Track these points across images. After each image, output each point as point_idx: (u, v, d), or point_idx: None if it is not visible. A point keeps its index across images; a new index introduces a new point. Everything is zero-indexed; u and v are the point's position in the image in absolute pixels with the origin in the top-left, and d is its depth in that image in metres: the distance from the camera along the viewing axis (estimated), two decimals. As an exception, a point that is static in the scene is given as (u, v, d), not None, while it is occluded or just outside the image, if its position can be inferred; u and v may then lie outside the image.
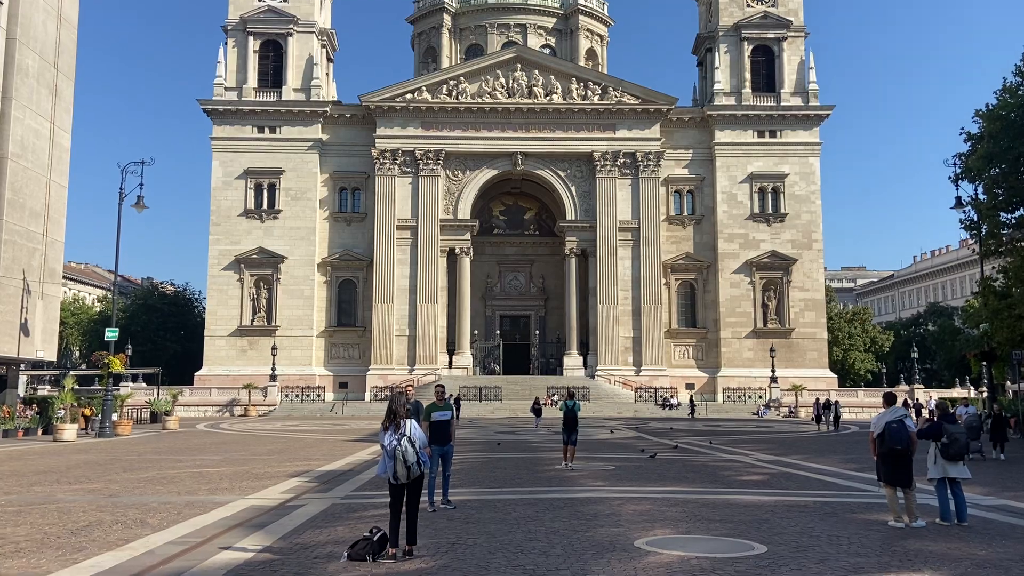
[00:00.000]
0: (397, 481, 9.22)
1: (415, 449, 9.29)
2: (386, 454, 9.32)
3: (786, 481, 17.31)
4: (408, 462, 9.17)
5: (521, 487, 15.65)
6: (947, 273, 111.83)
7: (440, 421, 13.06)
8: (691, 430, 39.77)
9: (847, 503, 13.79)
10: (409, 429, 9.39)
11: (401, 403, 9.61)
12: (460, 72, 71.21)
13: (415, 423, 9.62)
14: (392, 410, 9.53)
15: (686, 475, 18.25)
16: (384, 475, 9.54)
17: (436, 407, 13.25)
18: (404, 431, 9.34)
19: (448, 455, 13.20)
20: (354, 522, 11.49)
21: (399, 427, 9.36)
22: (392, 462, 9.19)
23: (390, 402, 9.70)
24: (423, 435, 9.66)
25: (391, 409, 9.56)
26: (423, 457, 9.42)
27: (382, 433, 9.50)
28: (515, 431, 38.10)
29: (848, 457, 24.59)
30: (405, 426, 9.38)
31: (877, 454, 11.62)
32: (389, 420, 9.45)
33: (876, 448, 11.62)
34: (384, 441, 9.37)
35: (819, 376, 66.66)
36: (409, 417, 9.57)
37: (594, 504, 13.15)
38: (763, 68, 73.43)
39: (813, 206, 70.82)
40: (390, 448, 9.23)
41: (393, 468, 9.18)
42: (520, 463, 21.35)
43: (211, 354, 67.29)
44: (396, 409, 9.51)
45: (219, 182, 69.44)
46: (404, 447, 9.21)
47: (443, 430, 13.06)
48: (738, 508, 12.88)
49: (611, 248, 68.29)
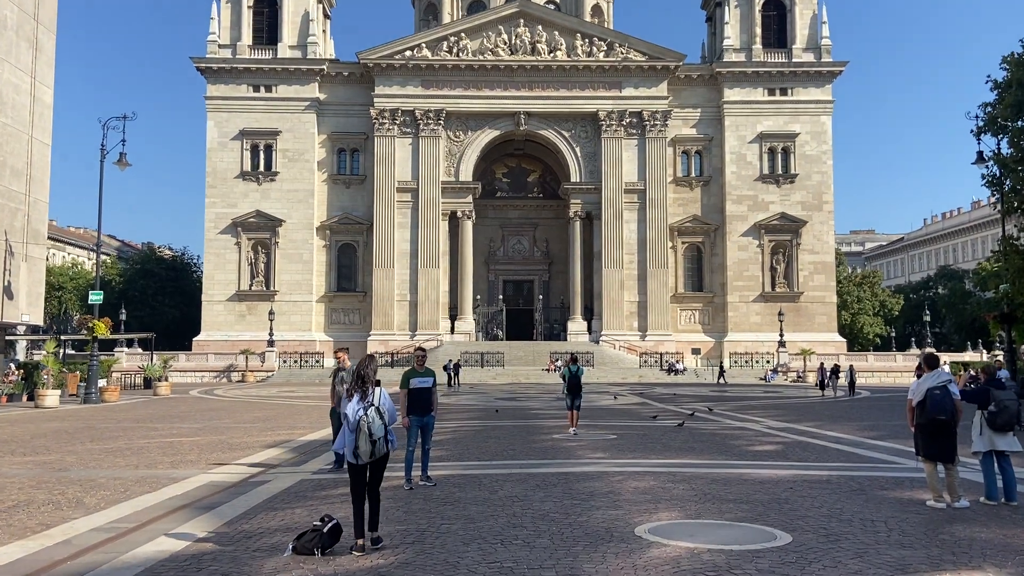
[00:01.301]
0: (358, 460, 7.82)
1: (383, 421, 7.90)
2: (347, 426, 7.93)
3: (802, 451, 15.90)
4: (374, 436, 7.77)
5: (513, 460, 14.28)
6: (958, 236, 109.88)
7: (420, 388, 11.67)
8: (697, 396, 38.50)
9: (874, 477, 12.35)
10: (378, 398, 8.01)
11: (372, 369, 8.24)
12: (461, 28, 69.01)
13: (385, 392, 8.20)
14: (360, 375, 8.15)
15: (693, 445, 16.86)
16: (342, 452, 8.15)
17: (415, 373, 11.84)
18: (372, 399, 7.97)
19: (428, 426, 11.81)
20: (317, 503, 10.14)
21: (366, 394, 7.98)
22: (354, 436, 7.80)
23: (358, 366, 8.31)
24: (394, 408, 8.25)
25: (359, 373, 8.17)
26: (390, 434, 8.02)
27: (345, 400, 8.11)
28: (516, 397, 36.92)
29: (865, 424, 23.22)
30: (374, 394, 8.01)
31: (916, 425, 10.16)
32: (356, 385, 8.06)
33: (914, 418, 10.17)
34: (347, 409, 7.99)
35: (828, 340, 65.32)
36: (374, 384, 8.14)
37: (591, 480, 11.76)
38: (774, 23, 71.03)
39: (824, 166, 68.88)
40: (354, 418, 7.84)
41: (355, 443, 7.78)
42: (516, 432, 20.04)
43: (209, 319, 66.22)
44: (365, 374, 8.13)
45: (214, 143, 67.82)
46: (371, 418, 7.82)
47: (424, 398, 11.68)
48: (753, 485, 11.46)
49: (616, 211, 66.64)
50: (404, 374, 11.92)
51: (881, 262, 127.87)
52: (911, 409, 10.20)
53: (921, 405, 9.91)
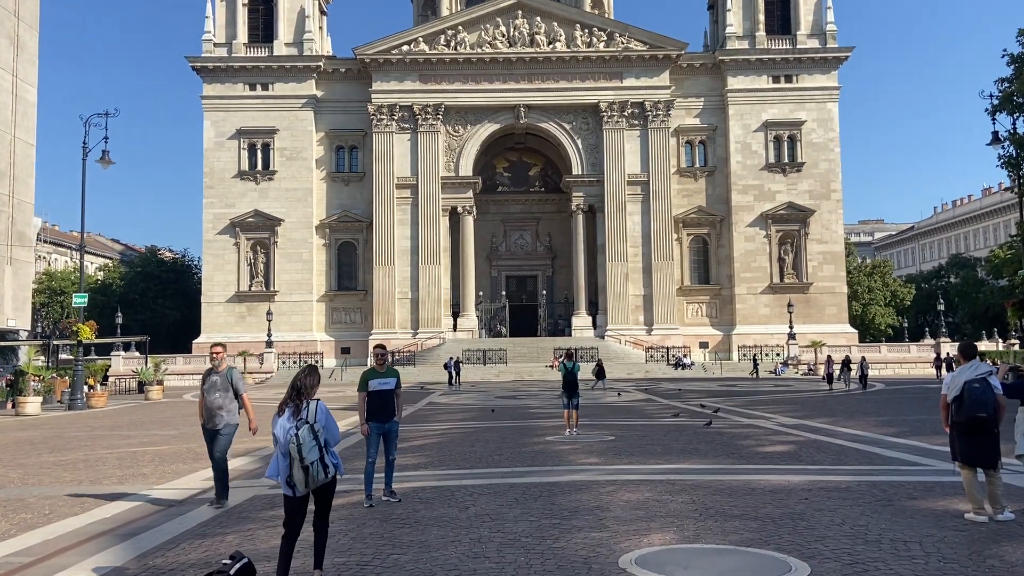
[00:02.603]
0: (295, 491, 6.48)
1: (319, 442, 6.49)
2: (278, 449, 6.60)
3: (817, 452, 14.55)
4: (305, 460, 6.36)
5: (497, 467, 12.98)
6: (969, 223, 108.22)
7: (380, 391, 10.27)
8: (704, 391, 37.17)
9: (900, 484, 10.97)
10: (313, 413, 6.60)
11: (312, 380, 6.84)
12: (458, 21, 67.74)
13: (323, 407, 6.82)
14: (295, 385, 6.78)
15: (696, 447, 15.52)
16: (276, 480, 6.76)
17: (375, 373, 10.44)
18: (305, 415, 6.61)
19: (392, 434, 10.43)
20: (257, 527, 8.79)
21: (299, 410, 6.61)
22: (286, 461, 6.51)
23: (296, 376, 6.92)
24: (335, 426, 6.85)
25: (295, 384, 6.80)
26: (333, 457, 6.65)
27: (276, 417, 6.71)
28: (517, 395, 35.67)
29: (882, 419, 21.86)
30: (308, 409, 6.63)
31: (951, 424, 8.77)
32: (290, 398, 6.72)
33: (949, 416, 8.81)
34: (276, 429, 6.61)
35: (839, 332, 63.82)
36: (312, 399, 6.76)
37: (578, 492, 10.45)
38: (778, 9, 69.51)
39: (831, 154, 67.33)
40: (284, 440, 6.51)
41: (288, 471, 6.46)
42: (508, 434, 18.77)
43: (209, 321, 65.24)
44: (300, 384, 6.76)
45: (211, 143, 66.81)
46: (303, 438, 6.42)
47: (385, 403, 10.25)
48: (762, 495, 10.10)
49: (620, 203, 65.29)
50: (362, 375, 10.59)
51: (891, 252, 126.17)
52: (945, 406, 8.81)
53: (958, 401, 8.52)
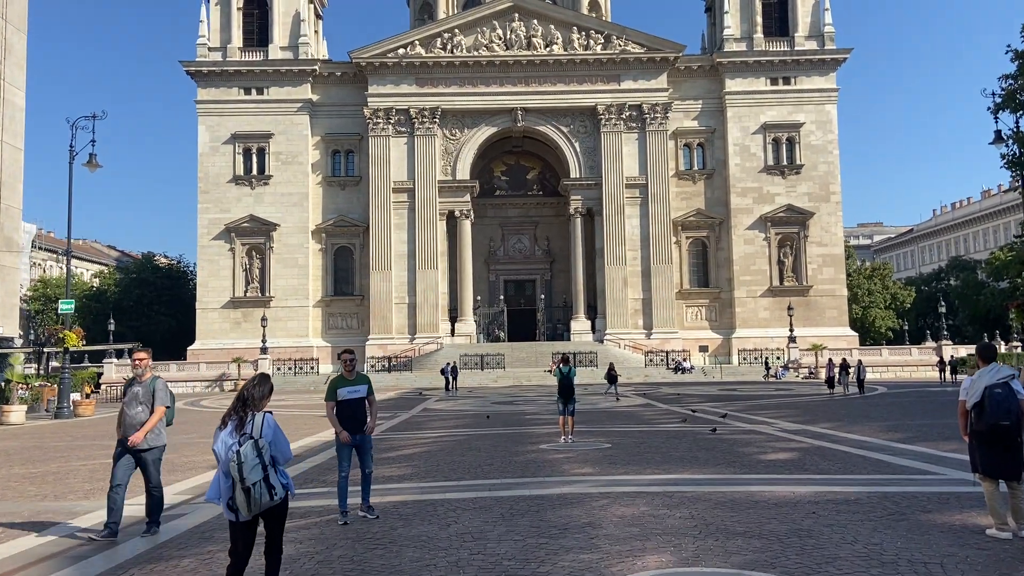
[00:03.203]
0: (237, 516, 5.83)
1: (262, 460, 5.80)
2: (219, 467, 5.95)
3: (822, 461, 13.90)
4: (247, 480, 5.68)
5: (486, 478, 12.33)
6: (969, 225, 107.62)
7: (350, 400, 9.58)
8: (704, 395, 36.53)
9: (912, 495, 10.32)
10: (258, 427, 5.92)
11: (262, 390, 6.15)
12: (455, 24, 67.28)
13: (271, 420, 6.09)
14: (241, 395, 6.11)
15: (696, 454, 14.87)
16: (217, 503, 6.05)
17: (343, 381, 9.74)
18: (249, 430, 5.90)
19: (365, 446, 9.73)
20: (219, 548, 7.99)
21: (243, 423, 5.93)
22: (228, 481, 5.82)
23: (243, 386, 6.24)
24: (285, 441, 6.14)
25: (241, 395, 6.13)
26: (282, 476, 5.97)
27: (217, 431, 6.08)
28: (514, 401, 35.02)
29: (887, 424, 21.21)
30: (253, 422, 5.95)
31: (970, 432, 8.12)
32: (234, 410, 6.05)
33: (968, 424, 8.15)
34: (216, 444, 5.97)
35: (839, 335, 63.19)
36: (260, 410, 6.06)
37: (569, 506, 9.80)
38: (776, 11, 69.04)
39: (830, 156, 66.81)
40: (224, 457, 5.86)
41: (230, 492, 5.81)
42: (501, 442, 18.12)
43: (204, 327, 64.58)
44: (246, 394, 6.08)
45: (206, 148, 66.24)
46: (244, 456, 5.74)
47: (356, 413, 9.58)
48: (766, 509, 9.45)
49: (618, 206, 64.74)
50: (329, 383, 9.91)
51: (890, 254, 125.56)
52: (964, 413, 8.16)
53: (978, 408, 7.87)
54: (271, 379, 6.46)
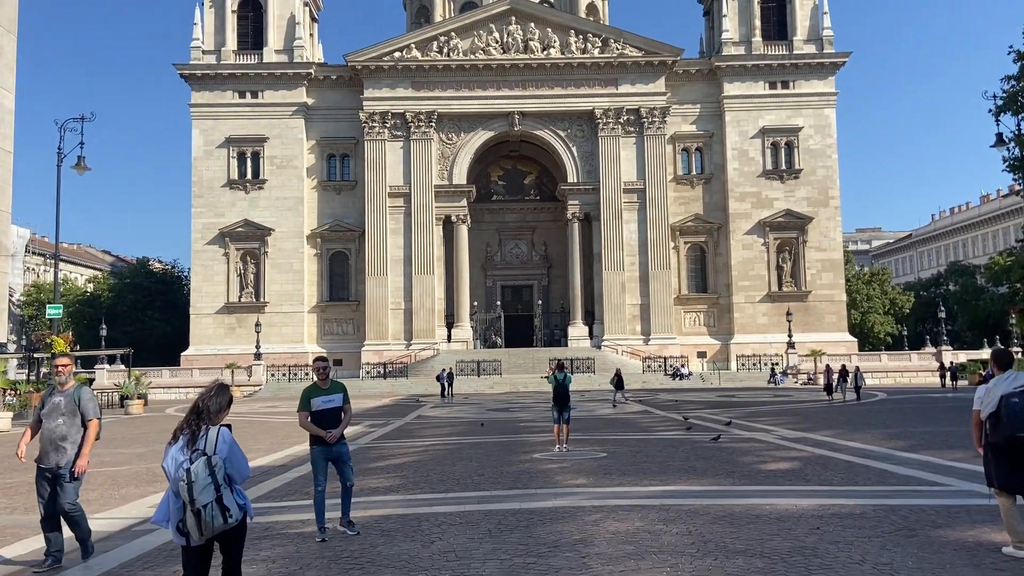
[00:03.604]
0: (188, 540, 5.36)
1: (215, 479, 5.30)
2: (169, 486, 5.46)
3: (824, 471, 13.41)
4: (197, 503, 5.21)
5: (475, 490, 11.83)
6: (968, 231, 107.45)
7: (325, 411, 9.08)
8: (702, 401, 36.07)
9: (920, 508, 9.84)
10: (212, 443, 5.43)
11: (219, 401, 5.64)
12: (451, 27, 66.93)
13: (227, 434, 5.58)
14: (195, 406, 5.62)
15: (694, 464, 14.38)
16: (165, 526, 5.52)
17: (317, 390, 9.21)
18: (202, 445, 5.42)
19: (342, 459, 9.22)
20: None
21: (196, 438, 5.46)
22: (178, 502, 5.32)
23: (199, 396, 5.74)
24: (243, 458, 5.64)
25: (196, 406, 5.64)
26: (239, 496, 5.47)
27: (168, 447, 5.58)
28: (509, 408, 34.52)
29: (889, 431, 20.74)
30: (206, 437, 5.47)
31: (986, 445, 7.60)
32: (186, 423, 5.56)
33: (984, 436, 7.65)
34: (165, 461, 5.50)
35: (838, 340, 62.77)
36: (216, 424, 5.56)
37: (561, 521, 9.31)
38: (774, 15, 68.79)
39: (829, 160, 66.48)
40: (173, 475, 5.38)
41: (181, 514, 5.30)
42: (494, 450, 17.62)
43: (198, 333, 64.05)
44: (201, 405, 5.60)
45: (200, 151, 65.78)
46: (194, 474, 5.27)
47: (330, 423, 9.05)
48: (768, 524, 8.96)
49: (616, 211, 64.32)
50: (303, 392, 9.40)
51: (889, 260, 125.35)
52: (978, 424, 7.67)
53: (994, 418, 7.39)
54: (230, 389, 5.97)
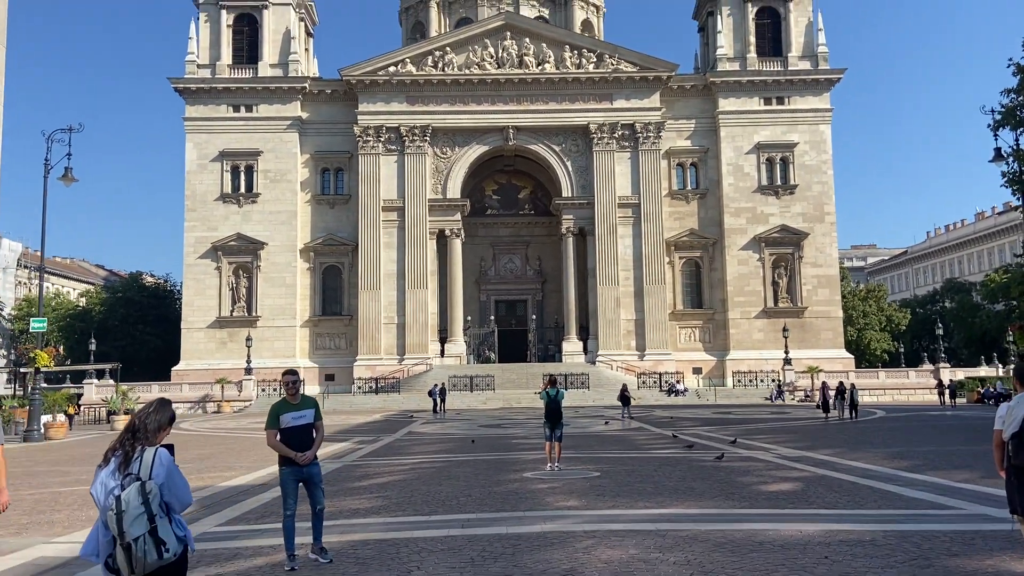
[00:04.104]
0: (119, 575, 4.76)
1: (149, 509, 4.72)
2: (99, 517, 4.90)
3: (828, 492, 12.88)
4: (127, 536, 4.63)
5: (461, 512, 11.27)
6: (963, 248, 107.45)
7: (295, 428, 8.47)
8: (698, 418, 35.52)
9: (933, 534, 9.31)
10: (148, 466, 4.84)
11: (159, 418, 5.08)
12: (446, 42, 66.77)
13: (165, 456, 4.97)
14: (131, 425, 5.06)
15: (692, 484, 13.84)
16: (95, 561, 4.93)
17: (287, 406, 8.61)
18: (136, 469, 4.84)
19: (313, 480, 8.61)
20: None
21: (128, 461, 4.88)
22: (108, 535, 4.75)
23: (136, 414, 5.16)
24: (184, 484, 5.03)
25: (130, 423, 5.08)
26: (179, 527, 4.88)
27: (97, 470, 5.03)
28: (502, 424, 33.92)
29: (891, 450, 20.21)
30: (141, 459, 4.87)
31: (1008, 468, 7.07)
32: (120, 443, 4.98)
33: (1005, 458, 7.18)
34: (93, 487, 4.95)
35: (835, 357, 62.28)
36: (154, 444, 4.98)
37: (549, 547, 8.76)
38: (769, 31, 68.80)
39: (824, 176, 66.28)
40: (102, 502, 4.84)
41: (111, 548, 4.73)
42: (483, 469, 17.05)
43: (189, 347, 63.34)
44: (137, 424, 5.02)
45: (193, 165, 65.33)
46: (125, 503, 4.69)
47: (300, 441, 8.45)
48: (772, 552, 8.40)
49: (610, 226, 63.96)
50: (271, 408, 8.79)
51: (884, 276, 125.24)
52: (1000, 445, 7.15)
53: (1016, 439, 6.85)
54: (172, 405, 5.39)
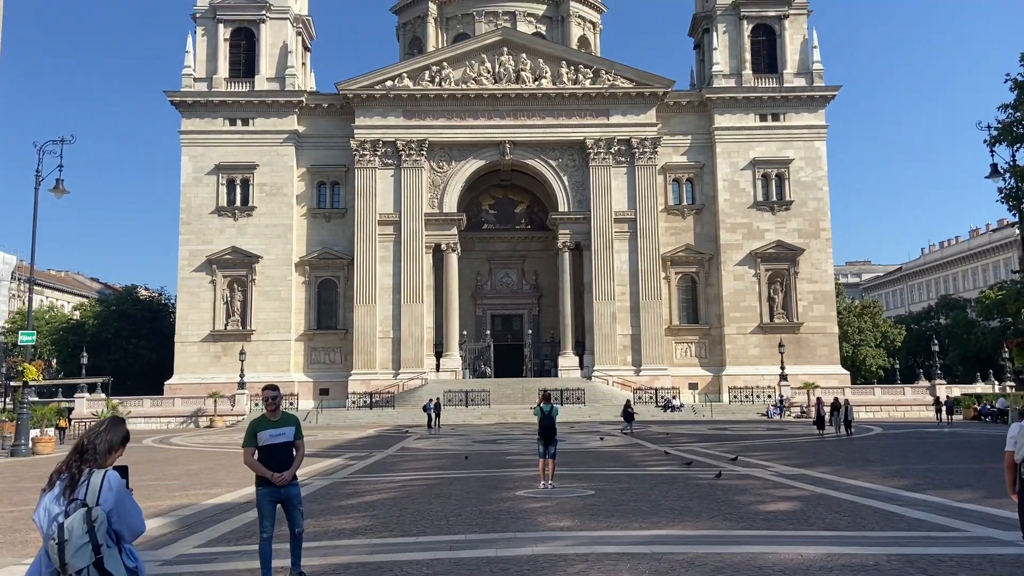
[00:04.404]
0: None
1: (93, 538, 4.42)
2: (43, 545, 4.62)
3: (828, 512, 12.59)
4: (70, 568, 4.37)
5: (449, 533, 10.96)
6: (958, 264, 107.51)
7: (273, 446, 8.10)
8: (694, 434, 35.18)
9: (939, 559, 9.02)
10: (95, 491, 4.56)
11: (110, 438, 4.76)
12: (443, 57, 66.85)
13: (114, 480, 4.66)
14: (79, 445, 4.76)
15: (688, 504, 13.53)
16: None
17: (265, 423, 8.23)
18: (82, 494, 4.56)
19: (291, 502, 8.25)
20: None
21: (74, 484, 4.60)
22: (50, 567, 4.48)
23: (84, 433, 4.85)
24: (135, 510, 4.72)
25: (78, 443, 4.79)
26: (128, 558, 4.55)
27: (42, 496, 4.74)
28: (496, 440, 33.56)
29: (890, 468, 19.93)
30: (87, 484, 4.58)
31: (1020, 490, 6.75)
32: (66, 465, 4.70)
33: (1016, 480, 6.84)
34: (36, 512, 4.68)
35: (831, 373, 62.06)
36: (104, 467, 4.66)
37: (539, 572, 8.42)
38: (764, 48, 69.02)
39: (820, 192, 66.29)
40: (44, 530, 4.58)
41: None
42: (474, 487, 16.73)
43: (182, 361, 62.85)
44: (86, 443, 4.73)
45: (189, 178, 65.12)
46: (68, 531, 4.42)
47: (279, 460, 8.07)
48: None
49: (607, 241, 63.83)
50: (249, 425, 8.46)
51: (879, 293, 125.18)
52: (1011, 466, 6.85)
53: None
54: (126, 424, 5.04)
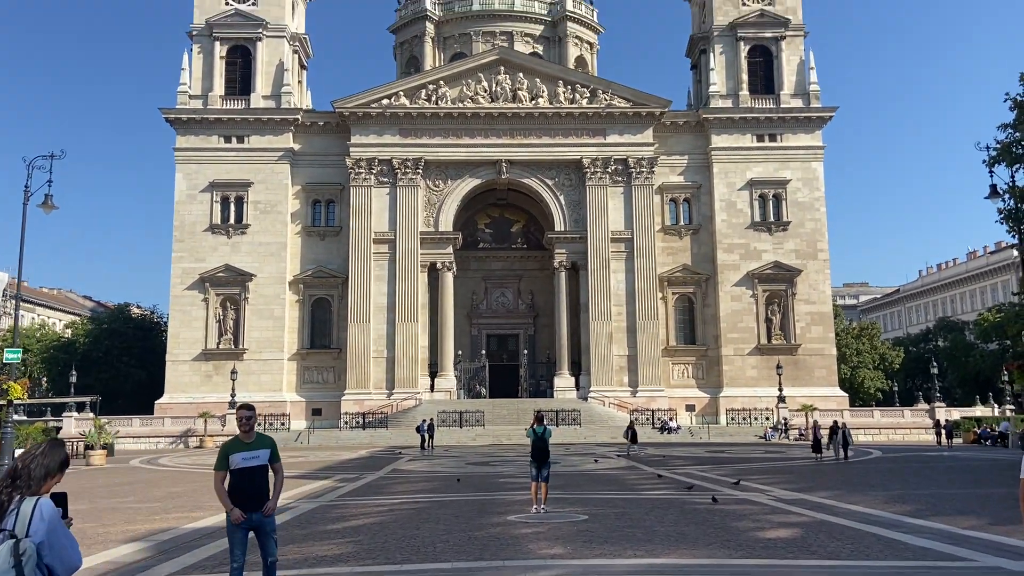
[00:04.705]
0: None
1: (23, 573, 4.11)
2: None
3: (829, 540, 12.10)
4: None
5: (435, 560, 10.46)
6: (956, 287, 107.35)
7: (246, 469, 7.75)
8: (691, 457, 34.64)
9: (946, 590, 8.61)
10: (25, 521, 4.25)
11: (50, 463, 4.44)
12: (440, 76, 66.85)
13: (49, 508, 4.37)
14: (12, 471, 4.42)
15: (684, 530, 13.04)
16: None
17: (239, 445, 7.87)
18: (11, 524, 4.20)
19: (264, 529, 7.85)
20: None
21: (3, 514, 4.23)
22: None
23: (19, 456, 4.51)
24: (70, 542, 4.36)
25: (11, 468, 4.44)
26: None
27: None
28: (490, 461, 32.97)
29: (891, 493, 19.43)
30: (17, 514, 4.24)
31: None
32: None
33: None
34: None
35: (829, 395, 61.55)
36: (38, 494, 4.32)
37: (529, 604, 8.02)
38: (761, 69, 69.10)
39: (817, 213, 66.13)
40: None
41: None
42: (465, 510, 16.20)
43: (173, 380, 62.11)
44: (20, 468, 4.40)
45: (183, 195, 64.73)
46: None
47: (253, 485, 7.71)
48: (772, 609, 7.71)
49: (603, 261, 63.49)
50: (222, 447, 8.07)
51: (877, 315, 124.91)
52: (1027, 494, 6.52)
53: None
54: (65, 448, 4.64)
